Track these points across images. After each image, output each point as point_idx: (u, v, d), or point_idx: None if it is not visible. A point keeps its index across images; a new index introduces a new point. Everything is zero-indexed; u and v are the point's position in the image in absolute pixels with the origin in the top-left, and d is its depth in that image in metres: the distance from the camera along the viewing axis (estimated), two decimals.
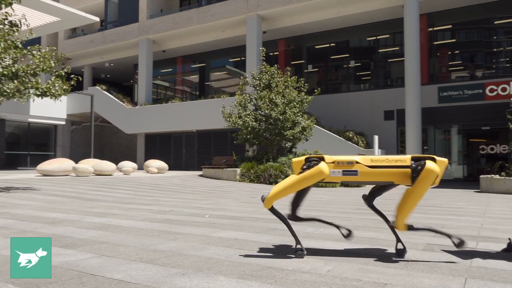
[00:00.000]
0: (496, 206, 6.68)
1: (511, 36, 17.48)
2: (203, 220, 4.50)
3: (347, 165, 2.66)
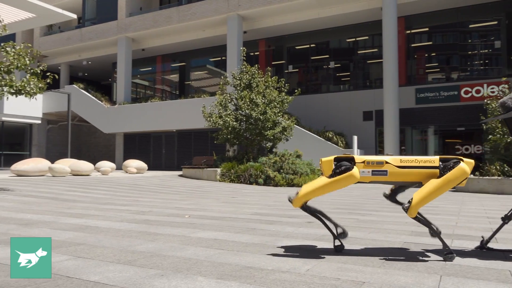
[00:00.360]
0: (471, 205, 6.86)
1: (485, 40, 17.99)
2: (182, 220, 4.46)
3: (376, 165, 2.67)
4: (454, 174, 2.55)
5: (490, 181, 10.10)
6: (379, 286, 2.06)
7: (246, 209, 5.71)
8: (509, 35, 16.65)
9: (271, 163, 12.68)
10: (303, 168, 12.33)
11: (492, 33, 17.96)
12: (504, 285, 2.10)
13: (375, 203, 6.81)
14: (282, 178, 12.01)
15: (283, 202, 6.83)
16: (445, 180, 2.56)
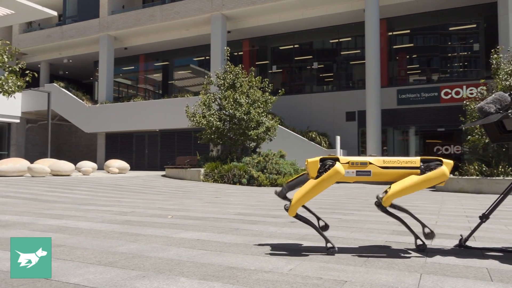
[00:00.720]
0: (450, 204, 6.99)
1: (464, 42, 18.38)
2: (165, 221, 4.43)
3: (360, 165, 2.73)
4: (434, 174, 2.62)
5: (469, 180, 10.32)
6: (361, 285, 2.08)
7: (230, 209, 5.70)
8: (488, 39, 17.05)
9: (254, 163, 12.69)
10: (287, 168, 12.38)
11: (471, 36, 18.36)
12: (482, 282, 2.15)
13: (357, 203, 6.88)
14: (266, 178, 12.02)
15: (266, 202, 6.84)
16: (425, 178, 2.63)
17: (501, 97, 2.74)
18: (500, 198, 2.96)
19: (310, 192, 2.74)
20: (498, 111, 2.73)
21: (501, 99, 2.74)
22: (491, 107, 2.74)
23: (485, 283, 2.14)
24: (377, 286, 2.06)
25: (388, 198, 2.62)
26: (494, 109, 2.73)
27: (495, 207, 2.96)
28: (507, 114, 2.71)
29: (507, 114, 2.71)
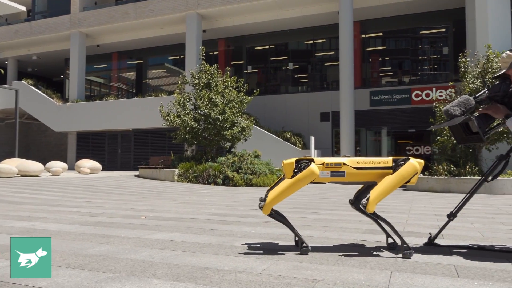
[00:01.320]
0: (420, 203, 7.18)
1: (434, 46, 18.92)
2: (138, 222, 4.35)
3: (335, 166, 2.78)
4: (405, 169, 2.69)
5: (438, 180, 10.63)
6: (333, 283, 2.10)
7: (204, 209, 5.67)
8: (456, 43, 17.60)
9: (229, 163, 12.66)
10: (262, 168, 12.41)
11: (440, 40, 18.91)
12: (449, 278, 2.21)
13: (331, 202, 6.97)
14: (241, 178, 12.02)
15: (241, 202, 6.84)
16: (398, 176, 2.70)
17: (466, 100, 2.83)
18: (467, 197, 3.06)
19: (285, 191, 2.77)
20: (463, 113, 2.82)
21: (466, 102, 2.83)
22: (456, 110, 2.83)
23: (452, 279, 2.20)
24: (349, 284, 2.09)
25: (371, 204, 2.67)
26: (459, 112, 2.82)
27: (462, 205, 3.06)
28: (469, 117, 2.81)
29: (470, 116, 2.80)
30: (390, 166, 2.76)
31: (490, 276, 2.26)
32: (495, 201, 7.73)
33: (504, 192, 9.79)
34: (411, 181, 2.75)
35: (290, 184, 2.76)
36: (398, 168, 2.72)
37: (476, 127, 2.79)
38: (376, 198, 2.67)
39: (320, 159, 2.81)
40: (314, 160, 2.80)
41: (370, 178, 2.80)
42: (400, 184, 2.72)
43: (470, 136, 2.95)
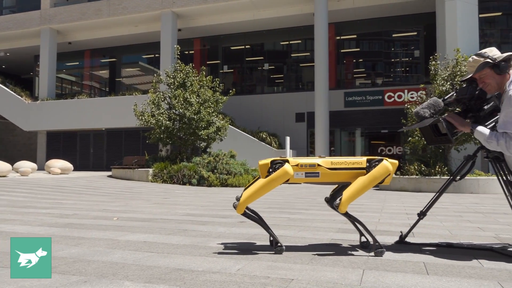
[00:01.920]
0: (392, 202, 7.34)
1: (406, 49, 19.38)
2: (110, 223, 4.27)
3: (309, 167, 2.80)
4: (377, 170, 2.73)
5: (409, 180, 10.89)
6: (307, 282, 2.12)
7: (178, 210, 5.61)
8: (427, 46, 18.09)
9: (205, 163, 12.59)
10: (237, 168, 12.39)
11: (412, 43, 19.40)
12: (419, 276, 2.27)
13: (306, 202, 7.03)
14: (216, 178, 11.97)
15: (216, 203, 6.81)
16: (370, 177, 2.73)
17: (435, 102, 2.91)
18: (436, 196, 3.14)
19: (259, 190, 2.79)
20: (433, 115, 2.90)
21: (435, 104, 2.91)
22: (426, 111, 2.90)
23: (421, 276, 2.26)
24: (322, 283, 2.11)
25: (343, 205, 2.71)
26: (429, 114, 2.90)
27: (432, 204, 3.14)
28: (438, 118, 2.89)
29: (439, 118, 2.89)
30: (364, 166, 2.80)
31: (458, 273, 2.33)
32: (463, 200, 7.99)
33: (471, 191, 10.13)
34: (384, 181, 2.79)
35: (264, 184, 2.77)
36: (372, 169, 2.76)
37: (445, 128, 2.87)
38: (348, 199, 2.70)
39: (295, 160, 2.83)
40: (288, 161, 2.82)
41: (345, 179, 2.84)
42: (372, 185, 2.76)
43: (439, 137, 3.03)
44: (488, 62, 2.76)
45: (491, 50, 2.83)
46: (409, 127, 3.28)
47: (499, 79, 2.77)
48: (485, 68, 2.77)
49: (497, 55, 2.77)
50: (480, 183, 10.19)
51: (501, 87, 2.78)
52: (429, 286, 2.08)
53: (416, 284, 2.11)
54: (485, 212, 5.81)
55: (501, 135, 2.63)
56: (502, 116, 2.66)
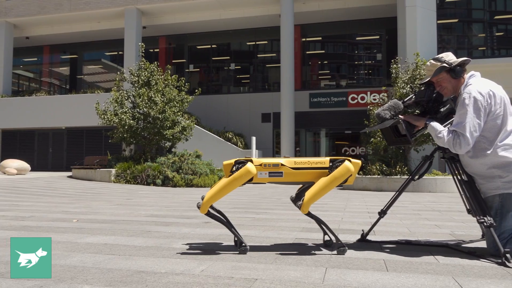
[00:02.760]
0: (355, 201, 7.51)
1: (369, 52, 19.91)
2: (69, 225, 4.12)
3: (273, 167, 2.81)
4: (339, 171, 2.78)
5: (372, 179, 11.19)
6: (270, 281, 2.13)
7: (142, 211, 5.50)
8: (389, 49, 18.66)
9: (170, 163, 12.42)
10: (203, 168, 12.30)
11: (375, 46, 19.96)
12: (379, 273, 2.33)
13: (271, 202, 7.07)
14: (181, 178, 11.83)
15: (181, 203, 6.73)
16: (332, 178, 2.78)
17: (395, 104, 3.01)
18: (396, 195, 3.25)
19: (221, 190, 2.78)
20: (393, 117, 2.99)
21: (395, 106, 3.00)
22: (387, 113, 2.99)
23: (381, 273, 2.32)
24: (286, 282, 2.13)
25: (305, 206, 2.74)
26: (389, 115, 2.99)
27: (392, 203, 3.24)
28: (398, 120, 2.98)
29: (399, 120, 2.98)
30: (327, 166, 2.84)
31: (415, 269, 2.42)
32: (422, 199, 8.30)
33: (429, 190, 10.54)
34: (348, 181, 2.85)
35: (226, 183, 2.77)
36: (335, 169, 2.81)
37: (404, 129, 2.97)
38: (310, 199, 2.74)
39: (259, 160, 2.85)
40: (252, 161, 2.83)
41: (308, 178, 2.88)
42: (334, 185, 2.81)
43: (399, 138, 3.13)
44: (444, 67, 2.88)
45: (447, 55, 2.95)
46: (371, 128, 3.37)
47: (455, 82, 2.89)
48: (442, 72, 2.89)
49: (453, 60, 2.89)
50: (437, 182, 10.62)
51: (456, 91, 2.91)
52: (388, 282, 2.14)
53: (376, 281, 2.16)
54: (441, 210, 6.05)
55: (451, 132, 2.75)
56: (456, 117, 2.79)
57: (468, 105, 2.69)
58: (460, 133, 2.69)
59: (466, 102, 2.71)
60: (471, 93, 2.71)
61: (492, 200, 2.77)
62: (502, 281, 2.17)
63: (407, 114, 3.07)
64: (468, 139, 2.68)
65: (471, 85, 2.78)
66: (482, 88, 2.73)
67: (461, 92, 2.82)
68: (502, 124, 2.72)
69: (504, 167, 2.70)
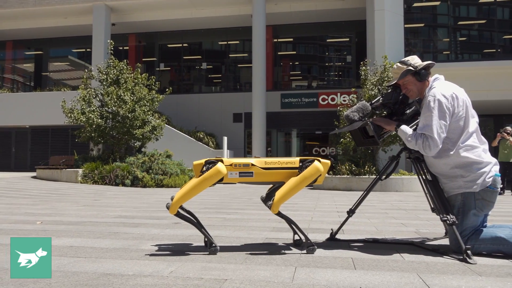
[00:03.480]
0: (324, 201, 7.62)
1: (339, 54, 20.25)
2: (33, 227, 3.98)
3: (243, 167, 2.81)
4: (308, 171, 2.81)
5: (341, 179, 11.38)
6: (240, 282, 2.13)
7: (109, 212, 5.38)
8: (358, 52, 19.04)
9: (139, 163, 12.20)
10: (173, 168, 12.16)
11: (345, 48, 20.31)
12: (347, 271, 2.37)
13: (241, 202, 7.07)
14: (151, 178, 11.65)
15: (150, 204, 6.63)
16: (302, 178, 2.80)
17: (364, 106, 3.07)
18: (364, 194, 3.31)
19: (192, 190, 2.76)
20: (361, 118, 3.05)
21: (364, 108, 3.06)
22: (355, 115, 3.04)
23: (350, 271, 2.37)
24: (256, 282, 2.13)
25: (275, 206, 2.75)
26: (358, 117, 3.04)
27: (360, 202, 3.30)
28: (367, 121, 3.05)
29: (367, 121, 3.05)
30: (297, 166, 2.87)
31: (382, 267, 2.48)
32: (389, 198, 8.51)
33: (396, 190, 10.82)
34: (317, 180, 2.88)
35: (196, 183, 2.75)
36: (304, 169, 2.84)
37: (372, 131, 3.03)
38: (280, 199, 2.76)
39: (229, 160, 2.85)
40: (223, 161, 2.82)
41: (278, 178, 2.90)
42: (304, 186, 2.84)
43: (367, 139, 3.19)
44: (410, 70, 2.96)
45: (413, 58, 3.04)
46: (340, 129, 3.42)
47: (420, 85, 2.98)
48: (408, 75, 2.97)
49: (418, 63, 2.98)
50: (404, 182, 10.92)
51: (422, 93, 3.00)
52: (356, 280, 2.18)
53: (344, 279, 2.20)
54: (408, 209, 6.23)
55: (420, 135, 2.83)
56: (422, 120, 2.87)
57: (434, 108, 2.78)
58: (429, 135, 2.78)
59: (431, 105, 2.80)
60: (435, 96, 2.80)
61: (455, 199, 2.87)
62: (463, 277, 2.26)
63: (378, 117, 3.14)
64: (436, 140, 2.77)
65: (435, 88, 2.87)
66: (445, 90, 2.83)
67: (426, 94, 2.91)
68: (464, 126, 2.82)
69: (466, 167, 2.80)
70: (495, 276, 2.28)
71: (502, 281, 2.18)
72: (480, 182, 2.77)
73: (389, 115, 3.15)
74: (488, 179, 2.78)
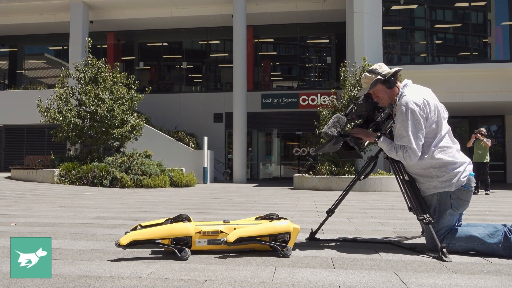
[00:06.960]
0: (305, 201, 7.67)
1: (319, 55, 20.43)
2: (7, 229, 3.87)
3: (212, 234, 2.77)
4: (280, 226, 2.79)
5: (321, 179, 11.49)
6: (220, 282, 2.12)
7: (87, 213, 5.28)
8: (338, 53, 19.25)
9: (118, 163, 12.02)
10: (153, 168, 12.03)
11: (325, 50, 20.52)
12: (326, 270, 2.40)
13: (222, 202, 7.05)
14: (130, 179, 11.50)
15: (129, 205, 6.54)
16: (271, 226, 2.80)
17: (339, 119, 3.07)
18: (343, 194, 3.35)
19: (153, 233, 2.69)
20: (340, 132, 3.04)
21: (339, 121, 3.06)
22: (333, 130, 3.03)
23: (329, 270, 2.39)
24: (235, 282, 2.13)
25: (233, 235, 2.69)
26: (336, 132, 3.04)
27: (339, 202, 3.34)
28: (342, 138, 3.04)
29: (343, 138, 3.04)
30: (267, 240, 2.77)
31: (361, 265, 2.51)
32: (368, 197, 8.63)
33: (375, 189, 10.99)
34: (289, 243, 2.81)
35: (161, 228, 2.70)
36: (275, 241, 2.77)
37: (353, 143, 3.06)
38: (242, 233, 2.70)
39: (198, 227, 2.77)
40: (191, 219, 2.81)
41: (249, 247, 2.83)
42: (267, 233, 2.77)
43: (349, 152, 3.20)
44: (379, 79, 3.01)
45: (380, 66, 3.08)
46: (322, 149, 3.31)
47: (390, 92, 3.04)
48: (377, 84, 3.02)
49: (386, 71, 3.03)
50: (382, 181, 11.10)
51: (392, 99, 3.06)
52: (335, 279, 2.21)
53: (324, 278, 2.22)
54: (386, 209, 6.34)
55: (399, 147, 2.88)
56: (397, 129, 2.92)
57: (408, 118, 2.83)
58: (408, 146, 2.83)
59: (405, 115, 2.84)
60: (407, 105, 2.85)
61: (431, 198, 2.94)
62: (439, 275, 2.31)
63: (356, 128, 3.15)
64: (415, 150, 2.82)
65: (405, 95, 2.91)
66: (416, 98, 2.88)
67: (397, 102, 2.96)
68: (437, 129, 2.89)
69: (441, 167, 2.87)
70: (469, 274, 2.34)
71: (476, 278, 2.24)
72: (455, 181, 2.84)
73: (365, 122, 3.18)
74: (463, 178, 2.85)
